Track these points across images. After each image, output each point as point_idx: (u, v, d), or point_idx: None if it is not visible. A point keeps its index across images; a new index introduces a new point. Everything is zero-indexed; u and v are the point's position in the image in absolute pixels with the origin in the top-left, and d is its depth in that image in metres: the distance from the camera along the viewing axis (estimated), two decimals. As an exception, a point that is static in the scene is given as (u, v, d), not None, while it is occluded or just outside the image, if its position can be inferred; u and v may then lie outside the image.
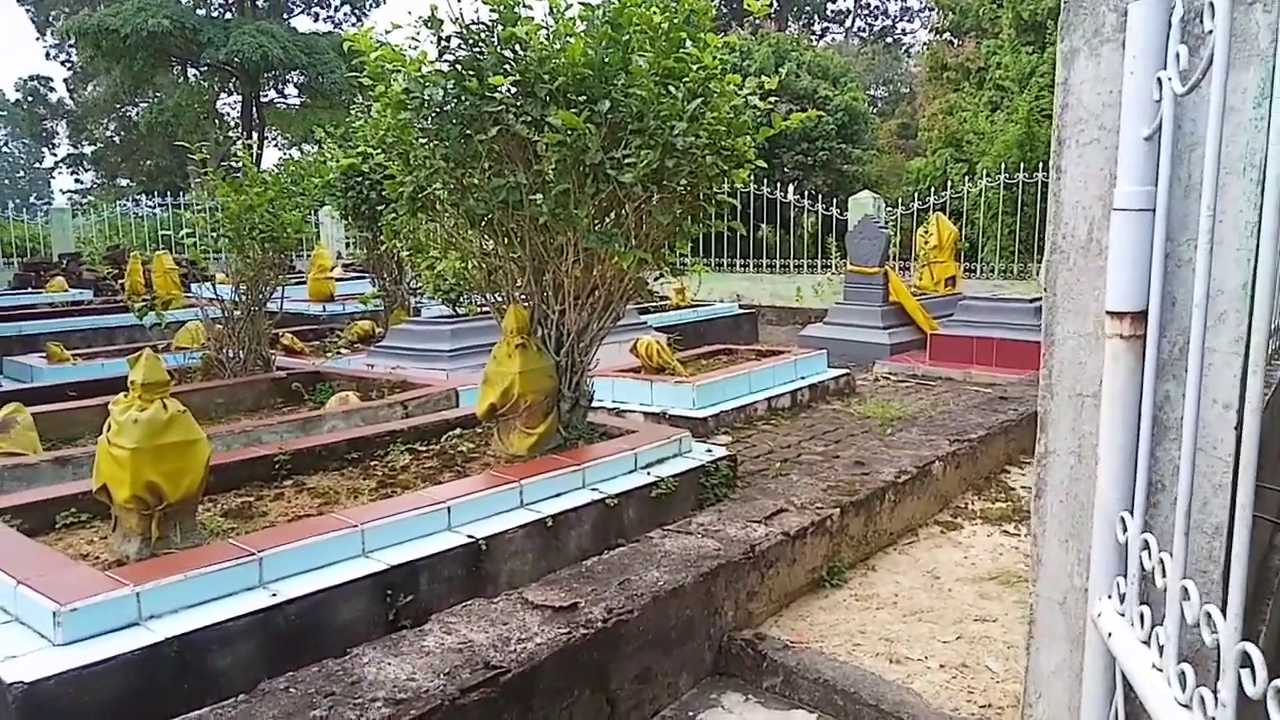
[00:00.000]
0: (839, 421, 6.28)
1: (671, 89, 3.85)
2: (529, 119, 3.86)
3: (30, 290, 13.75)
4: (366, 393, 5.37)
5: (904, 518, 3.73)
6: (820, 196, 15.82)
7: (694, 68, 3.88)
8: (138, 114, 33.23)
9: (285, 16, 32.85)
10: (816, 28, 38.49)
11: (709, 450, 4.37)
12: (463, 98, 3.86)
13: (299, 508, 3.57)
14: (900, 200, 17.35)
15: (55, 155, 51.58)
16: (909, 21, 40.01)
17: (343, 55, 26.94)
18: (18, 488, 3.59)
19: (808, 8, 37.37)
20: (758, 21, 24.61)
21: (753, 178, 4.25)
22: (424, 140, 3.99)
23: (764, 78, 4.14)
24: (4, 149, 61.30)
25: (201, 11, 29.50)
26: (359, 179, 7.75)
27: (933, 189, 17.47)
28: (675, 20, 4.00)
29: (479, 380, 4.28)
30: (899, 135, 28.52)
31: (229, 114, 34.49)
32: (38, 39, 34.54)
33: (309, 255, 14.42)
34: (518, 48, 3.93)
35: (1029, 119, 15.80)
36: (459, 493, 3.36)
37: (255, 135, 30.92)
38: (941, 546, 3.65)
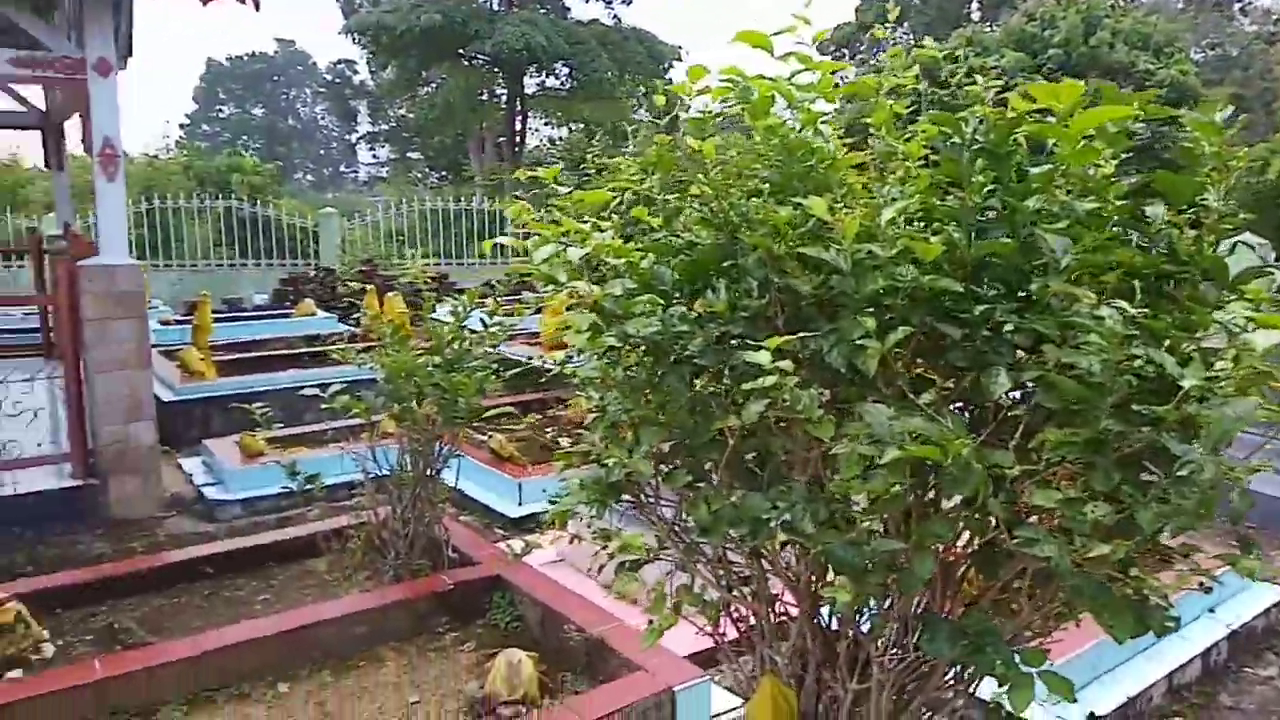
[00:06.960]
0: None
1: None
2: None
3: (281, 312, 13.21)
4: (548, 646, 3.66)
5: None
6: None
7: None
8: (423, 97, 34.45)
9: (565, 5, 32.30)
10: (1135, -13, 32.33)
11: None
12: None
13: None
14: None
15: (357, 131, 56.53)
16: (1244, -28, 32.56)
17: (604, 45, 26.01)
18: None
19: (1126, -36, 31.37)
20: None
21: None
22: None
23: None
24: (321, 122, 68.41)
25: (484, 3, 29.63)
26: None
27: None
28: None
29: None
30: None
31: (498, 100, 34.94)
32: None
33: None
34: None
35: None
36: None
37: (520, 123, 30.93)
38: None
